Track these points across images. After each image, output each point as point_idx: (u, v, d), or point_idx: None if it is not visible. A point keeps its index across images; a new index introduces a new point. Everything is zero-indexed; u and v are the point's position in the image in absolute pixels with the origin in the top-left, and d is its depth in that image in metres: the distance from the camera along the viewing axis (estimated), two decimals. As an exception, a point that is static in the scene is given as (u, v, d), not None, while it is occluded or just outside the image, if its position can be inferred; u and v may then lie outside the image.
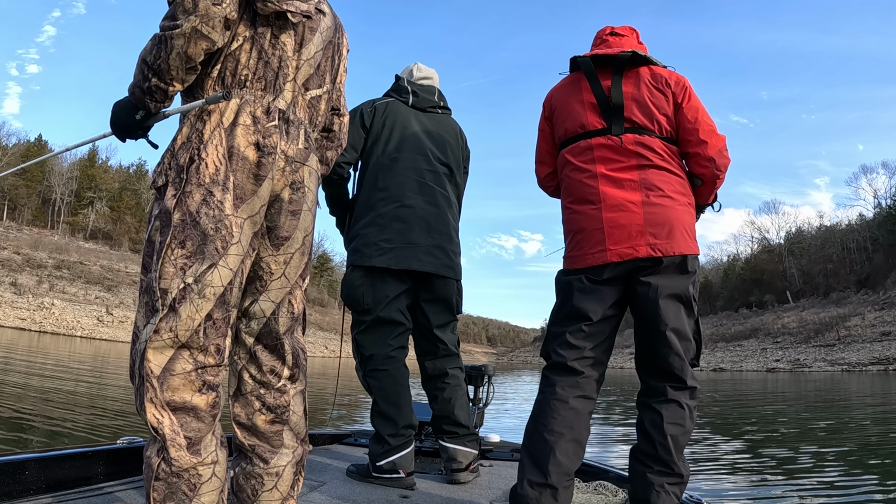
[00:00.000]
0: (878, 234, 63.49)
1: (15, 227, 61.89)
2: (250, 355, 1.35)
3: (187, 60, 1.18)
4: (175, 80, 1.20)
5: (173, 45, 1.15)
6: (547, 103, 1.91)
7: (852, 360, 38.12)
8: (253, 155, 1.23)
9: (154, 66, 1.18)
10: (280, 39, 1.30)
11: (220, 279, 1.18)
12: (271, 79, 1.29)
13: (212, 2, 1.16)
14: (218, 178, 1.19)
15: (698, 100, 1.74)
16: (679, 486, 1.56)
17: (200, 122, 1.22)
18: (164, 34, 1.16)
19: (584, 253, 1.68)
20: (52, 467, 1.64)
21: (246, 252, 1.24)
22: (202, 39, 1.17)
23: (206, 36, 1.17)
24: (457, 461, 2.21)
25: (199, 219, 1.17)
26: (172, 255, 1.15)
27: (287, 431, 1.36)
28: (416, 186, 2.30)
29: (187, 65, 1.18)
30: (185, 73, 1.20)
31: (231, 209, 1.19)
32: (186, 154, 1.20)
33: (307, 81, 1.38)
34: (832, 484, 3.84)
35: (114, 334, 38.71)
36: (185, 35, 1.15)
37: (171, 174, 1.20)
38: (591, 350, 1.63)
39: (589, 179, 1.71)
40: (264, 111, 1.26)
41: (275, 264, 1.32)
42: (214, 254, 1.17)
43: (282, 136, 1.28)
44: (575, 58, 1.82)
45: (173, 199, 1.18)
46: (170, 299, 1.14)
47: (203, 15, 1.15)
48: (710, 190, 1.79)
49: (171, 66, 1.17)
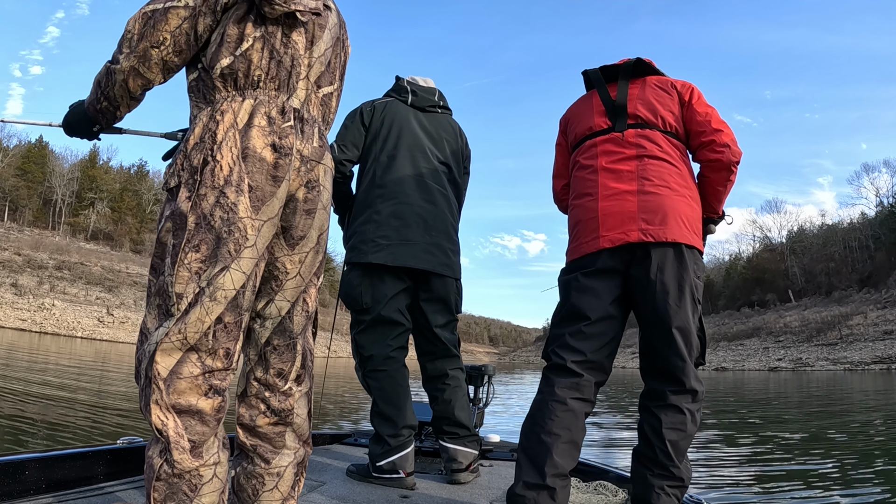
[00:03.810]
0: (880, 233, 63.41)
1: (16, 228, 61.96)
2: (260, 356, 1.34)
3: (131, 92, 1.28)
4: (121, 105, 1.30)
5: (115, 79, 1.26)
6: (563, 120, 1.97)
7: (854, 359, 38.04)
8: (270, 156, 1.22)
9: (105, 92, 1.28)
10: (291, 38, 1.29)
11: (233, 282, 1.17)
12: (284, 78, 1.28)
13: (151, 44, 1.21)
14: (232, 179, 1.17)
15: (706, 101, 1.76)
16: (680, 488, 1.55)
17: (213, 122, 1.21)
18: (110, 65, 1.25)
19: (580, 243, 1.69)
20: (53, 467, 1.64)
21: (261, 255, 1.22)
22: (139, 77, 1.25)
23: (143, 75, 1.25)
24: (457, 461, 2.21)
25: (213, 221, 1.16)
26: (187, 259, 1.15)
27: (290, 433, 1.36)
28: (413, 184, 2.29)
29: (130, 96, 1.29)
30: (129, 101, 1.30)
31: (245, 212, 1.18)
32: (200, 155, 1.19)
33: (319, 79, 1.37)
34: (835, 484, 3.83)
35: (114, 335, 38.72)
36: (125, 72, 1.24)
37: (184, 175, 1.19)
38: (591, 353, 1.61)
39: (590, 174, 1.73)
40: (279, 111, 1.26)
41: (290, 264, 1.32)
42: (227, 256, 1.16)
43: (297, 135, 1.28)
44: (585, 71, 1.90)
45: (187, 201, 1.17)
46: (185, 303, 1.14)
47: (140, 56, 1.22)
48: (723, 183, 1.74)
49: (117, 95, 1.28)
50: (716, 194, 1.77)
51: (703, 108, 1.73)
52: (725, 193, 1.78)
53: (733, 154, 1.69)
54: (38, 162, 71.02)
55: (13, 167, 67.84)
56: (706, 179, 1.75)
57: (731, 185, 1.75)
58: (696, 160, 1.77)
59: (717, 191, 1.76)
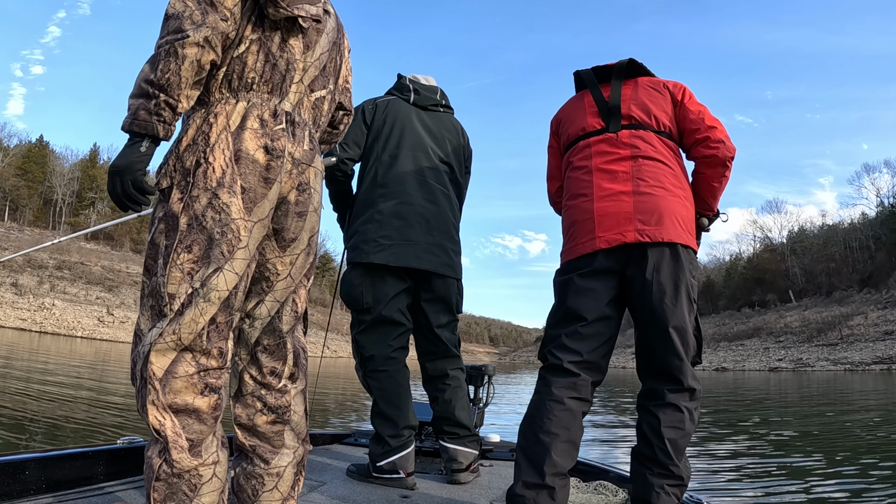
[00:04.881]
0: (880, 233, 63.37)
1: (16, 228, 61.97)
2: (252, 356, 1.35)
3: (199, 71, 1.15)
4: (182, 95, 1.15)
5: (185, 55, 1.13)
6: (554, 121, 1.97)
7: (855, 359, 38.01)
8: (262, 158, 1.23)
9: (161, 82, 1.12)
10: (288, 42, 1.30)
11: (226, 283, 1.18)
12: (278, 81, 1.29)
13: (221, 17, 1.17)
14: (224, 181, 1.18)
15: (697, 99, 1.78)
16: (679, 487, 1.55)
17: (206, 124, 1.21)
18: (172, 46, 1.12)
19: (576, 244, 1.69)
20: (53, 467, 1.64)
21: (252, 256, 1.24)
22: (211, 51, 1.16)
23: (214, 48, 1.17)
24: (457, 461, 2.21)
25: (206, 223, 1.17)
26: (179, 259, 1.16)
27: (288, 431, 1.36)
28: (416, 184, 2.29)
29: (197, 76, 1.16)
30: (191, 88, 1.16)
31: (238, 213, 1.19)
32: (192, 157, 1.19)
33: (313, 83, 1.38)
34: (836, 482, 3.83)
35: (114, 334, 38.71)
36: (199, 44, 1.13)
37: (176, 177, 1.20)
38: (588, 353, 1.61)
39: (585, 175, 1.74)
40: (271, 114, 1.26)
41: (281, 265, 1.33)
42: (220, 258, 1.17)
43: (289, 138, 1.29)
44: (577, 71, 1.90)
45: (179, 202, 1.18)
46: (178, 304, 1.15)
47: (213, 28, 1.15)
48: (718, 179, 1.74)
49: (183, 78, 1.13)
50: (711, 191, 1.78)
51: (695, 107, 1.75)
52: (720, 190, 1.79)
53: (728, 149, 1.71)
54: (39, 162, 71.08)
55: (13, 167, 67.87)
56: (701, 176, 1.77)
57: (725, 181, 1.77)
58: (691, 157, 1.78)
59: (713, 187, 1.77)
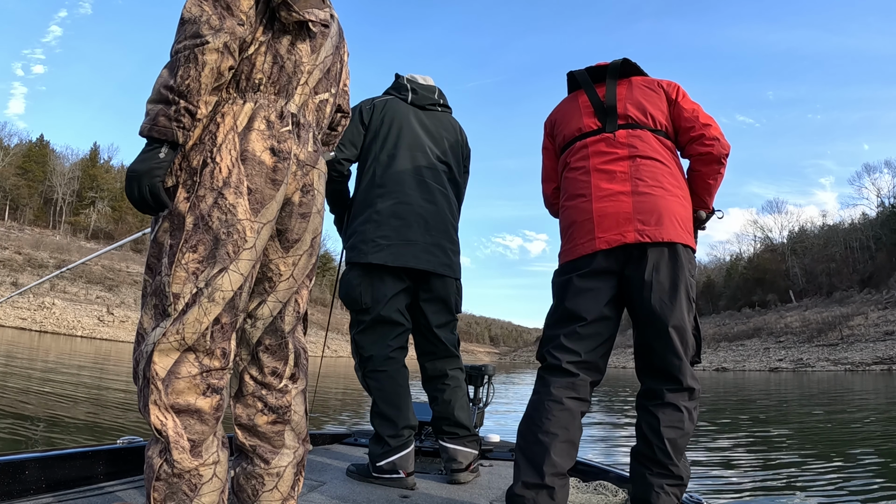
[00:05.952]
0: (881, 233, 63.39)
1: (17, 227, 61.99)
2: (252, 356, 1.36)
3: (218, 77, 1.15)
4: (201, 101, 1.14)
5: (206, 61, 1.12)
6: (548, 122, 1.96)
7: (855, 359, 38.00)
8: (269, 160, 1.23)
9: (181, 89, 1.11)
10: (297, 45, 1.31)
11: (231, 284, 1.18)
12: (285, 83, 1.30)
13: (237, 21, 1.17)
14: (231, 181, 1.18)
15: (691, 98, 1.80)
16: (679, 486, 1.55)
17: (213, 124, 1.21)
18: (192, 52, 1.11)
19: (575, 244, 1.69)
20: (53, 467, 1.64)
21: (257, 257, 1.24)
22: (230, 57, 1.16)
23: (233, 54, 1.16)
24: (457, 461, 2.21)
25: (212, 223, 1.17)
26: (184, 259, 1.15)
27: (288, 431, 1.37)
28: (414, 183, 2.29)
29: (216, 82, 1.15)
30: (209, 94, 1.16)
31: (244, 214, 1.19)
32: (199, 157, 1.19)
33: (317, 85, 1.40)
34: (836, 482, 3.83)
35: (114, 334, 38.71)
36: (218, 50, 1.13)
37: (181, 176, 1.19)
38: (587, 353, 1.61)
39: (582, 175, 1.74)
40: (278, 115, 1.27)
41: (284, 266, 1.34)
42: (226, 258, 1.17)
43: (294, 140, 1.29)
44: (571, 72, 1.91)
45: (185, 201, 1.18)
46: (182, 304, 1.14)
47: (231, 33, 1.15)
48: (714, 176, 1.76)
49: (203, 85, 1.13)
50: (706, 188, 1.79)
51: (689, 105, 1.77)
52: (716, 187, 1.80)
53: (722, 147, 1.73)
54: (39, 161, 71.09)
55: (14, 166, 67.89)
56: (697, 173, 1.77)
57: (720, 178, 1.78)
58: (686, 155, 1.79)
59: (708, 184, 1.78)
